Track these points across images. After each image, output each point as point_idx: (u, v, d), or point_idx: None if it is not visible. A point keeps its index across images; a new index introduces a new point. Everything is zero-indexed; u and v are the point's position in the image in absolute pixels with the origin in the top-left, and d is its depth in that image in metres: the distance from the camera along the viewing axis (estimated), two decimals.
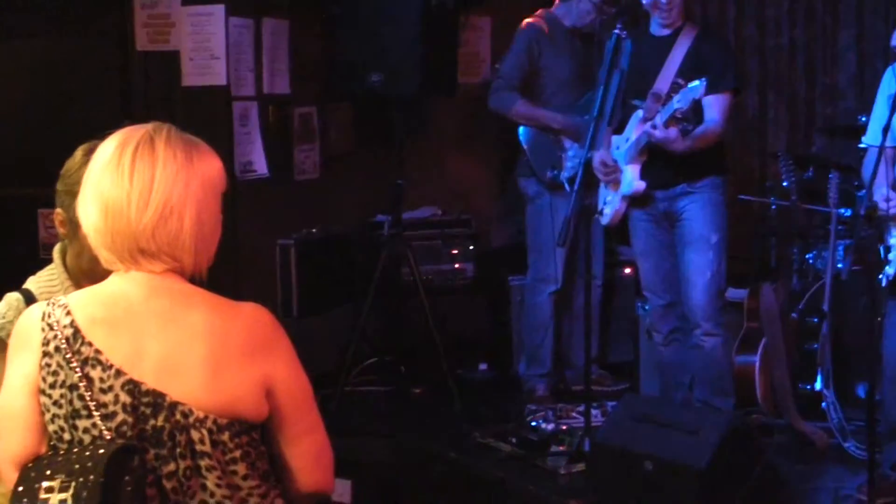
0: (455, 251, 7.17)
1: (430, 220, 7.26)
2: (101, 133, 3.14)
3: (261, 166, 6.44)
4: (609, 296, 6.64)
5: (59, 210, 3.12)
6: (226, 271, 2.42)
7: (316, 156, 7.04)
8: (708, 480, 4.15)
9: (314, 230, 6.92)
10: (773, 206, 6.36)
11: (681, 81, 5.24)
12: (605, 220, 5.67)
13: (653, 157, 5.38)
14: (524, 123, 6.26)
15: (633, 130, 5.43)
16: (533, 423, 5.57)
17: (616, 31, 5.11)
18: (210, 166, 2.38)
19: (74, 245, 3.10)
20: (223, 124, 6.17)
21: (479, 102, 6.68)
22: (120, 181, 2.28)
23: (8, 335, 2.48)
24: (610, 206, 5.58)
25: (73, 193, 3.01)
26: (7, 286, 3.40)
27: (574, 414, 5.76)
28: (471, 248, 7.22)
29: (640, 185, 5.43)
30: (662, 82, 5.33)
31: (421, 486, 5.57)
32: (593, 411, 5.25)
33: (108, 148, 2.33)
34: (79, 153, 3.08)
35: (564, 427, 5.53)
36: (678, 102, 5.06)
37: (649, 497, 4.30)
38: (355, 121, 7.40)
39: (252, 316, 2.36)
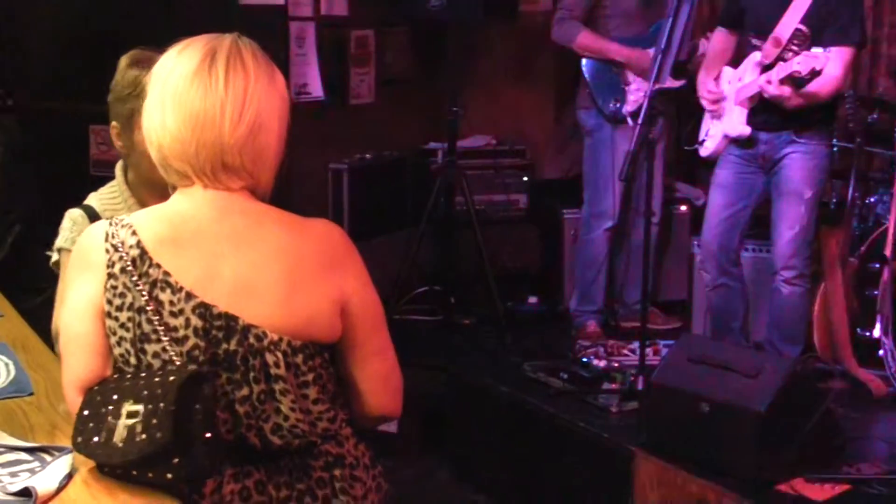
0: (508, 182, 7.10)
1: (484, 150, 7.19)
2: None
3: (316, 89, 6.38)
4: (664, 233, 6.54)
5: (114, 123, 3.06)
6: (278, 194, 2.36)
7: (371, 80, 6.98)
8: (766, 424, 4.06)
9: (367, 155, 6.88)
10: (836, 148, 6.22)
11: (804, 29, 5.09)
12: (704, 153, 5.58)
13: (762, 99, 5.25)
14: (587, 55, 6.13)
15: (748, 72, 5.29)
16: (584, 360, 5.50)
17: None
18: (284, 85, 2.34)
19: (132, 156, 3.05)
20: (279, 45, 6.11)
21: (538, 31, 6.58)
22: (213, 91, 2.20)
23: None
24: (711, 140, 5.48)
25: (124, 102, 2.97)
26: (60, 203, 3.35)
27: (625, 351, 5.69)
28: (524, 179, 7.15)
29: (746, 130, 5.31)
30: (785, 27, 5.14)
31: (468, 418, 5.55)
32: (646, 350, 5.18)
33: (191, 57, 2.24)
34: (123, 62, 3.02)
35: (616, 364, 5.45)
36: (798, 65, 4.92)
37: (704, 439, 4.22)
38: (412, 45, 7.31)
39: (325, 232, 2.32)
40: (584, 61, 6.16)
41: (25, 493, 2.13)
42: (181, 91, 2.21)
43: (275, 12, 6.17)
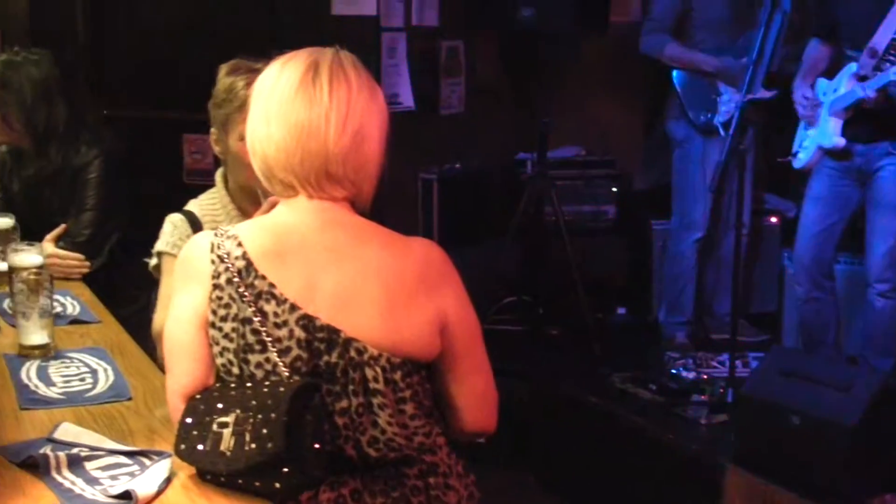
0: (597, 192, 7.09)
1: (573, 160, 7.17)
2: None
3: (407, 99, 6.43)
4: (754, 244, 6.49)
5: (213, 129, 3.14)
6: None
7: (462, 90, 7.01)
8: (858, 438, 4.02)
9: (457, 165, 6.90)
10: None
11: None
12: (797, 165, 5.53)
13: (857, 110, 5.21)
14: (677, 66, 6.11)
15: (844, 84, 5.23)
16: (673, 371, 5.48)
17: None
18: (383, 97, 2.37)
19: (228, 161, 3.13)
20: (371, 55, 6.14)
21: (628, 42, 6.55)
22: (318, 102, 2.24)
23: (179, 252, 2.47)
24: (805, 151, 5.44)
25: (219, 107, 3.05)
26: (154, 212, 3.42)
27: (714, 363, 5.66)
28: (613, 189, 7.13)
29: (841, 142, 5.25)
30: (881, 37, 5.06)
31: (556, 429, 5.55)
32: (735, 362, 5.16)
33: (294, 69, 2.29)
34: (222, 71, 3.11)
35: (705, 376, 5.43)
36: (895, 75, 4.89)
37: (795, 452, 4.19)
38: (502, 55, 7.33)
39: (424, 252, 2.33)
40: (674, 72, 6.14)
41: (126, 495, 2.17)
42: (285, 103, 2.25)
43: (367, 23, 6.22)
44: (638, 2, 7.37)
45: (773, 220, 6.62)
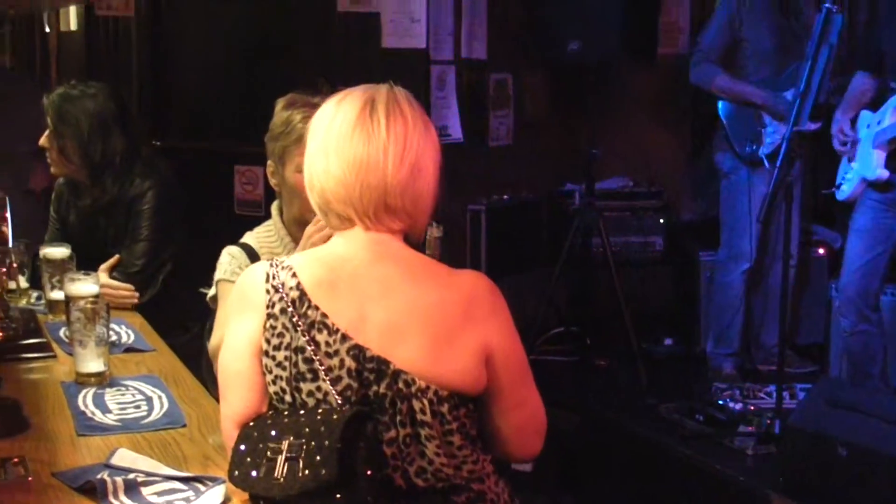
0: (645, 223, 7.10)
1: (621, 192, 7.20)
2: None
3: (456, 131, 6.47)
4: (801, 276, 6.49)
5: (270, 162, 3.21)
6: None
7: (510, 122, 7.05)
8: None
9: (505, 196, 6.94)
10: None
11: None
12: (841, 196, 5.55)
13: None
14: (725, 98, 6.13)
15: (889, 116, 5.25)
16: (720, 402, 5.48)
17: (826, 4, 4.98)
18: (436, 133, 2.42)
19: (284, 193, 3.19)
20: (420, 88, 6.20)
21: (675, 73, 6.59)
22: (376, 136, 2.29)
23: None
24: (849, 183, 5.46)
25: (276, 140, 3.13)
26: (207, 242, 3.49)
27: (761, 394, 5.66)
28: (661, 220, 7.14)
29: (884, 174, 5.27)
30: None
31: (603, 458, 5.56)
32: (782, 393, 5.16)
33: (351, 106, 2.34)
34: (279, 105, 3.18)
35: (752, 407, 5.43)
36: None
37: (842, 484, 4.18)
38: (550, 88, 7.38)
39: (471, 285, 2.35)
40: (720, 103, 6.17)
41: None
42: (344, 138, 2.31)
43: (417, 56, 6.28)
44: (685, 33, 7.41)
45: (821, 251, 6.61)
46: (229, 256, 3.23)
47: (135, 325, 3.91)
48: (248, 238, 3.30)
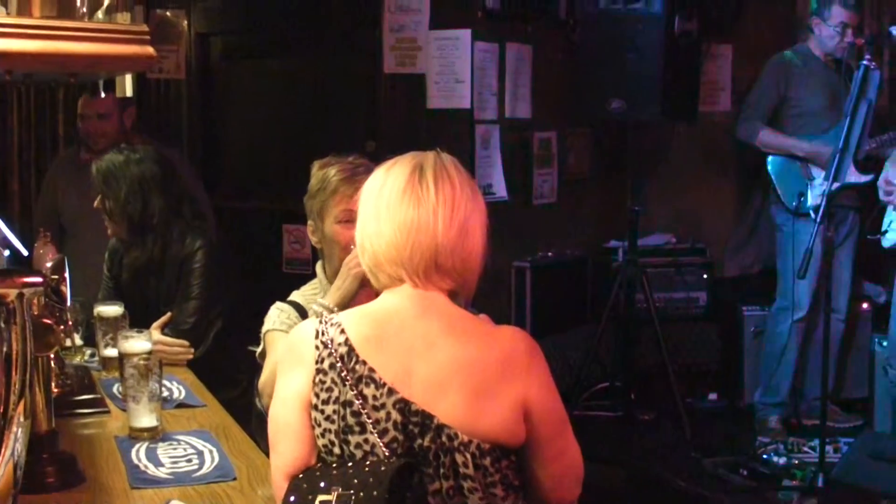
0: (688, 279, 7.14)
1: (664, 248, 7.24)
2: (346, 151, 3.37)
3: (500, 189, 6.52)
4: (847, 330, 6.50)
5: (310, 222, 3.31)
6: None
7: (554, 180, 7.12)
8: None
9: (549, 253, 7.00)
10: None
11: None
12: (886, 244, 5.60)
13: None
14: (770, 152, 6.21)
15: None
16: (764, 456, 5.51)
17: (864, 61, 5.05)
18: (482, 199, 2.50)
19: (325, 249, 3.29)
20: (465, 147, 6.29)
21: (718, 130, 6.65)
22: (426, 199, 2.37)
23: (288, 328, 2.61)
24: (893, 233, 5.51)
25: (313, 197, 3.24)
26: (256, 299, 3.57)
27: (806, 448, 5.68)
28: (704, 276, 7.17)
29: None
30: None
31: None
32: (826, 447, 5.17)
33: (400, 172, 2.42)
34: (315, 166, 3.31)
35: (796, 461, 5.45)
36: None
37: None
38: (594, 146, 7.46)
39: (510, 342, 2.41)
40: (769, 158, 6.24)
41: None
42: (394, 202, 2.39)
43: (461, 115, 6.35)
44: (727, 91, 7.47)
45: (864, 305, 6.62)
46: (278, 311, 3.33)
47: (186, 381, 3.98)
48: (296, 296, 3.39)
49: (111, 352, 3.97)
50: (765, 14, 7.00)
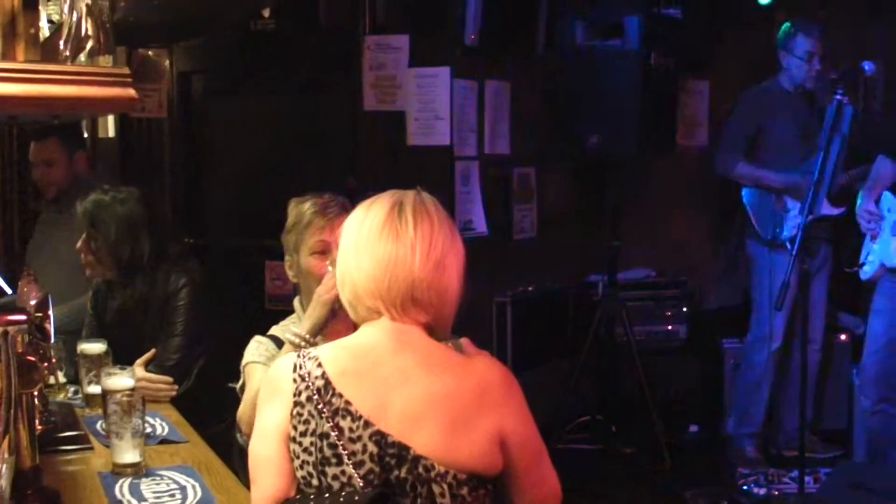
0: (668, 312, 7.19)
1: (644, 281, 7.31)
2: (326, 189, 3.43)
3: (480, 224, 6.57)
4: (825, 361, 6.55)
5: (287, 258, 3.37)
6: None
7: (534, 215, 7.17)
8: None
9: (530, 287, 7.04)
10: None
11: None
12: (864, 276, 5.67)
13: None
14: (746, 184, 6.29)
15: None
16: (745, 488, 5.54)
17: (837, 96, 5.11)
18: (460, 238, 2.55)
19: (301, 281, 3.35)
20: (445, 183, 6.35)
21: (696, 164, 6.70)
22: (404, 235, 2.43)
23: (266, 360, 2.66)
24: (871, 265, 5.57)
25: (289, 233, 3.31)
26: (238, 336, 3.61)
27: (786, 479, 5.71)
28: (684, 309, 7.23)
29: None
30: None
31: None
32: (806, 478, 5.20)
33: (380, 209, 2.49)
34: (291, 204, 3.39)
35: (776, 492, 5.49)
36: None
37: None
38: (573, 181, 7.51)
39: (485, 373, 2.46)
40: (744, 191, 6.31)
41: None
42: (374, 237, 2.46)
43: (440, 152, 6.39)
44: (703, 126, 7.55)
45: (843, 337, 6.67)
46: (257, 343, 3.39)
47: (169, 417, 4.01)
48: (275, 330, 3.44)
49: (95, 389, 3.99)
50: (741, 49, 7.08)
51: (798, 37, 6.18)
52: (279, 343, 3.35)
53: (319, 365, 2.44)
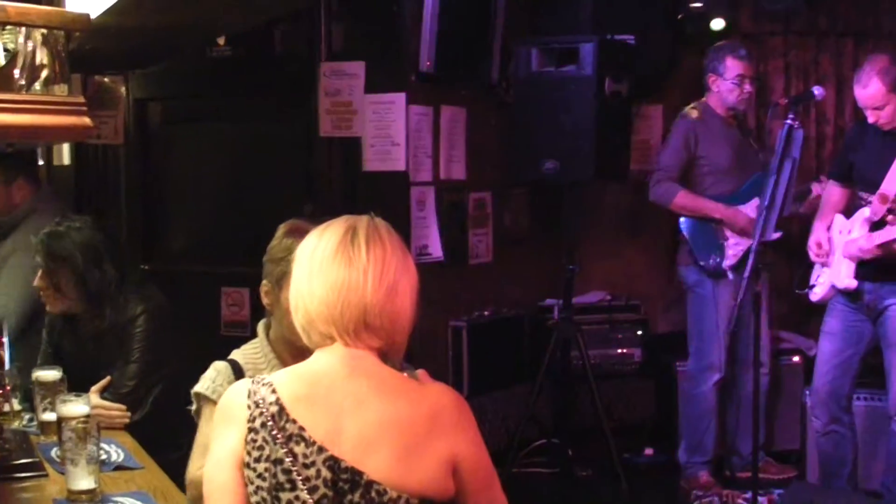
0: (623, 336, 7.24)
1: (599, 305, 7.36)
2: (285, 216, 3.43)
3: (436, 250, 6.60)
4: (776, 383, 6.61)
5: (265, 281, 3.35)
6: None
7: (489, 240, 7.20)
8: None
9: (486, 312, 7.07)
10: None
11: None
12: (814, 298, 5.75)
13: None
14: (686, 214, 6.33)
15: (857, 227, 5.46)
16: None
17: (788, 121, 5.19)
18: (413, 263, 2.58)
19: (276, 313, 3.33)
20: (401, 208, 6.37)
21: (647, 190, 6.75)
22: (357, 260, 2.45)
23: (219, 397, 2.67)
24: (821, 287, 5.64)
25: (276, 264, 3.27)
26: (194, 362, 3.62)
27: (740, 500, 5.77)
28: (639, 332, 7.29)
29: (852, 284, 5.47)
30: (890, 183, 5.30)
31: None
32: (760, 499, 5.26)
33: (334, 234, 2.51)
34: (281, 230, 3.34)
35: None
36: None
37: None
38: (529, 206, 7.56)
39: (437, 399, 2.49)
40: (682, 219, 6.36)
41: None
42: (327, 262, 2.48)
43: (396, 178, 6.43)
44: (657, 151, 7.60)
45: (795, 358, 6.74)
46: (215, 371, 3.37)
47: (124, 444, 4.00)
48: (236, 354, 3.43)
49: (49, 416, 3.98)
50: (694, 75, 7.15)
51: (727, 59, 6.26)
52: (237, 368, 3.35)
53: (274, 391, 2.46)
